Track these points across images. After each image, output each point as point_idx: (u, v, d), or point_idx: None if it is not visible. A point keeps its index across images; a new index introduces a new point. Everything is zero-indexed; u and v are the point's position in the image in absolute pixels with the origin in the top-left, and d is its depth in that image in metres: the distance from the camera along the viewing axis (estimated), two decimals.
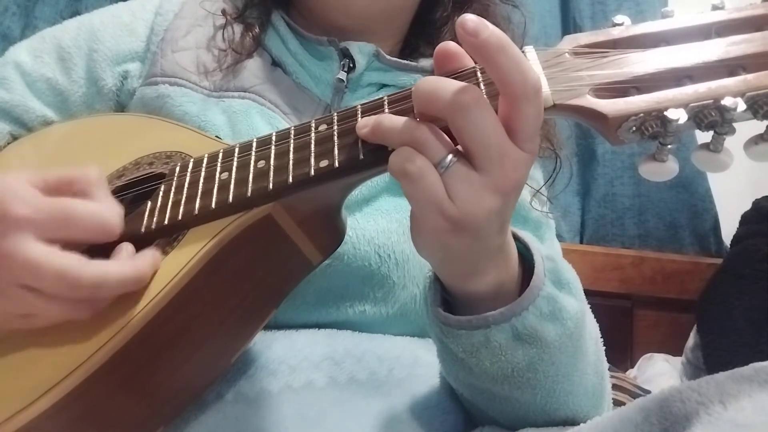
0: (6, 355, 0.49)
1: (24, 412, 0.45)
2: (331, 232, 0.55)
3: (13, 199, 0.47)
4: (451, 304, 0.56)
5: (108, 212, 0.50)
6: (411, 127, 0.46)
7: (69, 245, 0.48)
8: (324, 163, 0.49)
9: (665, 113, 0.43)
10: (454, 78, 0.47)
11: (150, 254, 0.50)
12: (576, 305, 0.56)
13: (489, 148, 0.44)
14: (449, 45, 0.49)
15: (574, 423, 0.58)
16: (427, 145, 0.45)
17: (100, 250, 0.50)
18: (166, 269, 0.49)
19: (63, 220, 0.48)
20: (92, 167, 0.52)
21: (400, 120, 0.47)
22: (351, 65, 0.72)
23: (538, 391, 0.56)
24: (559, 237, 0.93)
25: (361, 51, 0.72)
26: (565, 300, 0.55)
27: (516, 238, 0.56)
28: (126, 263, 0.49)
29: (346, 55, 0.72)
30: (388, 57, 0.73)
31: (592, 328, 0.61)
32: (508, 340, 0.52)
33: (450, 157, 0.45)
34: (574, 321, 0.55)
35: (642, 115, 0.44)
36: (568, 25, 1.49)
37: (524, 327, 0.52)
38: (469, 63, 0.49)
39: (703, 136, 0.45)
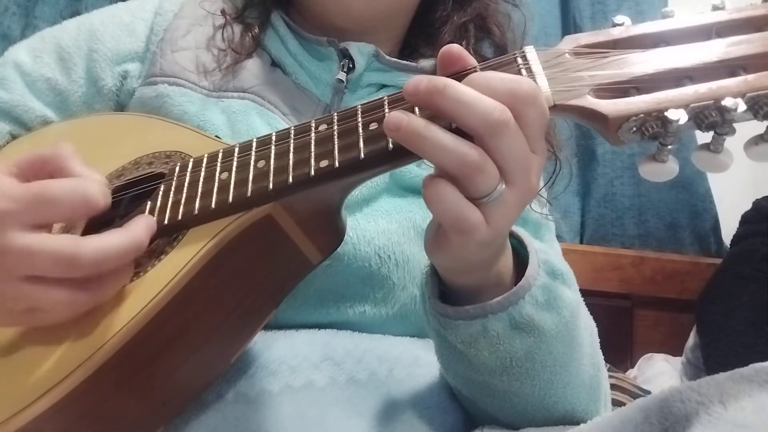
0: (6, 355, 0.49)
1: (23, 412, 0.44)
2: (331, 232, 0.55)
3: None
4: (448, 296, 0.57)
5: (87, 184, 0.48)
6: (465, 151, 0.43)
7: (65, 228, 0.47)
8: (324, 164, 0.49)
9: (666, 114, 0.43)
10: (456, 79, 0.46)
11: (143, 219, 0.50)
12: (571, 295, 0.57)
13: (519, 162, 0.44)
14: (453, 48, 0.49)
15: (572, 418, 0.59)
16: (485, 171, 0.43)
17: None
18: (166, 269, 0.49)
19: (42, 204, 0.46)
20: (63, 143, 0.51)
21: (448, 137, 0.43)
22: (350, 66, 0.72)
23: (536, 382, 0.57)
24: (559, 237, 0.93)
25: (360, 51, 0.72)
26: (560, 289, 0.56)
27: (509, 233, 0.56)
28: (121, 232, 0.48)
29: (345, 55, 0.72)
30: (388, 57, 0.73)
31: (586, 320, 0.62)
32: (506, 329, 0.53)
33: (502, 185, 0.44)
34: (569, 310, 0.56)
35: (642, 115, 0.44)
36: (568, 25, 1.49)
37: (521, 316, 0.53)
38: (473, 64, 0.49)
39: (703, 137, 0.45)
